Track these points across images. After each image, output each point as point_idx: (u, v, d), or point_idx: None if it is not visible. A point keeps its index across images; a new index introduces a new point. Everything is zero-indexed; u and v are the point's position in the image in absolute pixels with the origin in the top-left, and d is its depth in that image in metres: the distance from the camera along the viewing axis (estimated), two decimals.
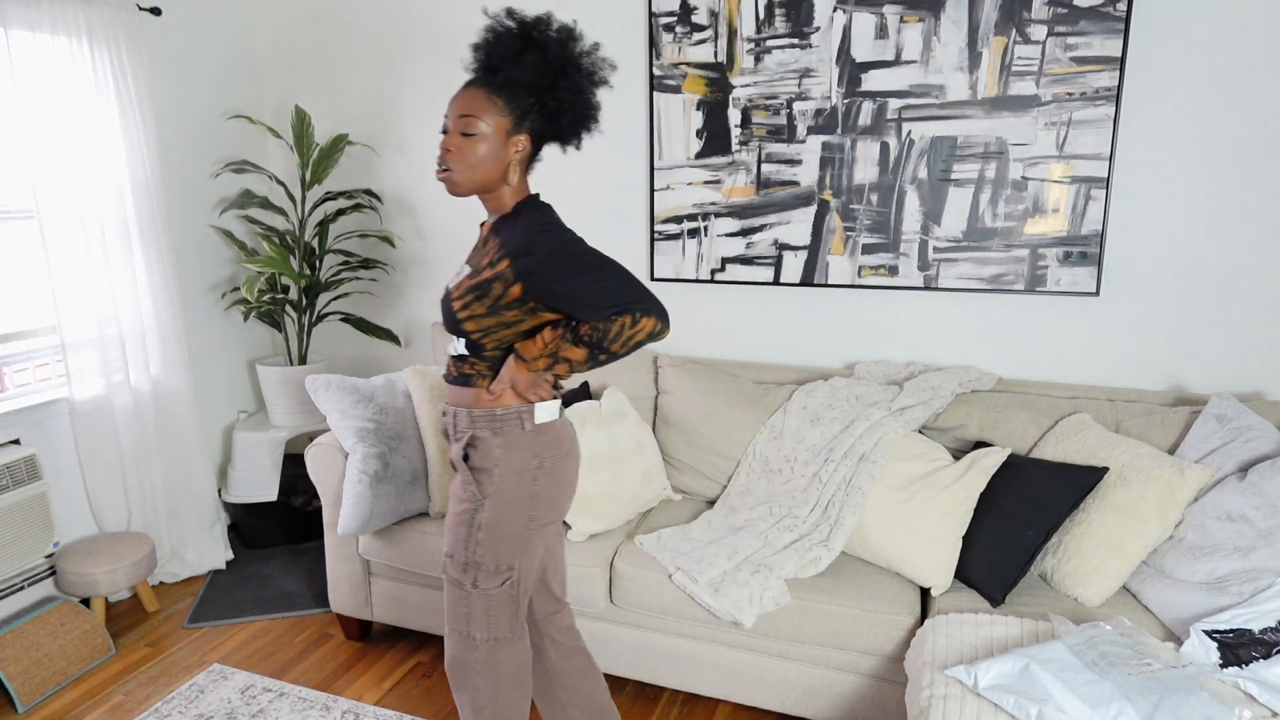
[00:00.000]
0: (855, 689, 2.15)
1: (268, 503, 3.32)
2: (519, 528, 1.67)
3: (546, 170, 3.08)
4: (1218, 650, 1.76)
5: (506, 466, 1.64)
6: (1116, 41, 2.34)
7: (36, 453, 2.66)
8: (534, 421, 1.65)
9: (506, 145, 1.59)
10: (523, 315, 1.60)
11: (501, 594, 1.69)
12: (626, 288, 1.51)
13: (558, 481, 1.70)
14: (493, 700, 1.74)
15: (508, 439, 1.64)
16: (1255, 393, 2.45)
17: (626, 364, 2.84)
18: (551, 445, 1.68)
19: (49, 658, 2.50)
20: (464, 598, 1.69)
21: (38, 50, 2.62)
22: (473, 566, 1.67)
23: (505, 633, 1.72)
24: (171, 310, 3.02)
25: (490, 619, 1.70)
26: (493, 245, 1.62)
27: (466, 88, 1.59)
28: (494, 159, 1.59)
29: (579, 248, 1.55)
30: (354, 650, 2.70)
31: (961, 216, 2.58)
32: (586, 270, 1.51)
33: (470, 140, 1.56)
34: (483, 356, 1.64)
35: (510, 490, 1.64)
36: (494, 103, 1.56)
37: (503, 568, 1.68)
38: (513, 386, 1.63)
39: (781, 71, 2.67)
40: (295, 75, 3.47)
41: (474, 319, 1.60)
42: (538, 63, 1.57)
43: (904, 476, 2.27)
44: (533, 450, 1.65)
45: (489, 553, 1.66)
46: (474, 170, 1.58)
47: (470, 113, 1.56)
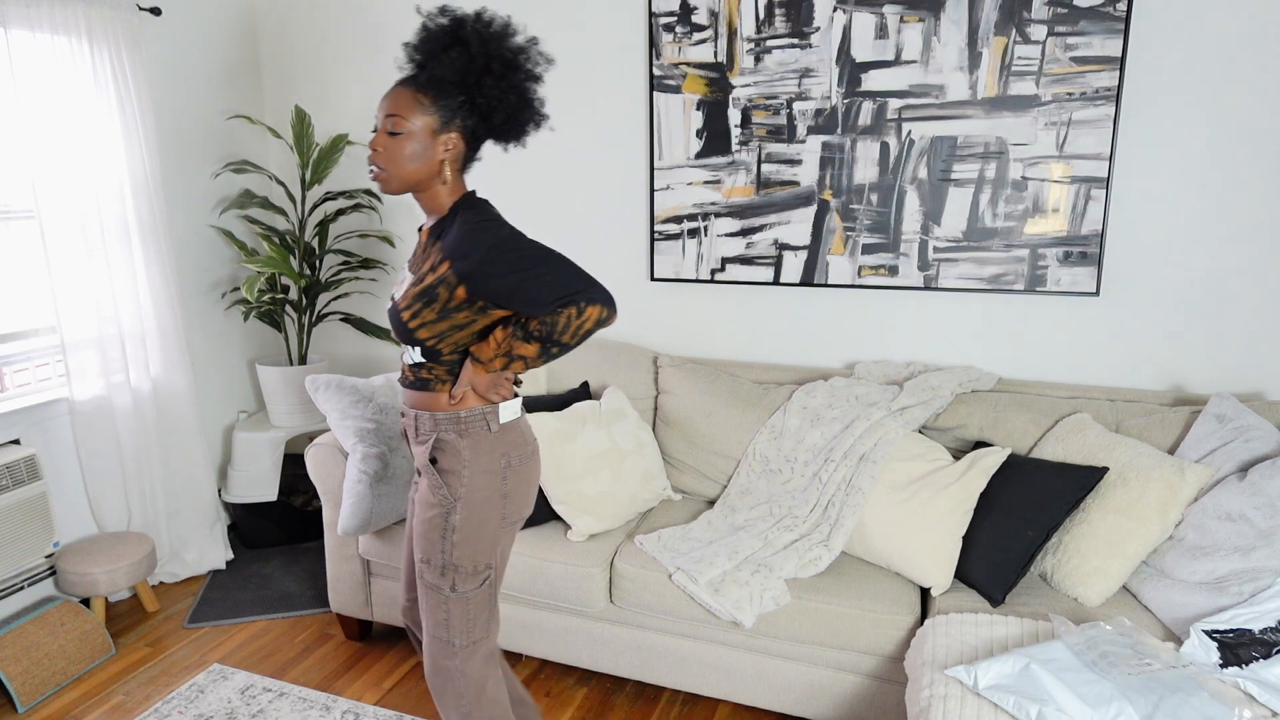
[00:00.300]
0: (855, 689, 2.15)
1: (268, 503, 3.32)
2: (492, 527, 1.67)
3: (546, 170, 3.09)
4: (1218, 650, 1.76)
5: (475, 467, 1.63)
6: (1116, 41, 2.34)
7: (36, 453, 2.66)
8: (499, 422, 1.65)
9: (435, 144, 1.57)
10: (474, 315, 1.59)
11: (480, 595, 1.69)
12: (569, 278, 1.50)
13: (525, 479, 1.70)
14: (478, 702, 1.73)
15: (474, 440, 1.64)
16: (1255, 393, 2.45)
17: (626, 364, 2.84)
18: (518, 444, 1.68)
19: (49, 658, 2.50)
20: (442, 603, 1.68)
21: (38, 50, 2.62)
22: (450, 570, 1.66)
23: (482, 635, 1.72)
24: (171, 310, 3.02)
25: (469, 622, 1.70)
26: (434, 249, 1.60)
27: (395, 87, 1.58)
28: (422, 158, 1.57)
29: (517, 242, 1.53)
30: (354, 650, 2.70)
31: (961, 216, 2.58)
32: (526, 265, 1.50)
33: (397, 140, 1.55)
34: (440, 361, 1.64)
35: (481, 491, 1.64)
36: (420, 102, 1.55)
37: (480, 568, 1.67)
38: (473, 389, 1.62)
39: (781, 71, 2.67)
40: (295, 75, 3.47)
41: (425, 326, 1.59)
42: (461, 59, 1.54)
43: (904, 476, 2.27)
44: (500, 450, 1.66)
45: (465, 554, 1.65)
46: (402, 169, 1.57)
47: (396, 112, 1.55)
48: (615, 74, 2.91)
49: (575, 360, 2.90)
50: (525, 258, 1.51)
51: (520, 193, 3.15)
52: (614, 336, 3.13)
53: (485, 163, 3.18)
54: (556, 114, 3.02)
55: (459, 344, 1.62)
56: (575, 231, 3.09)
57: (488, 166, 3.18)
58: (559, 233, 3.12)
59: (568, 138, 3.03)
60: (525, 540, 2.41)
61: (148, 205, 2.94)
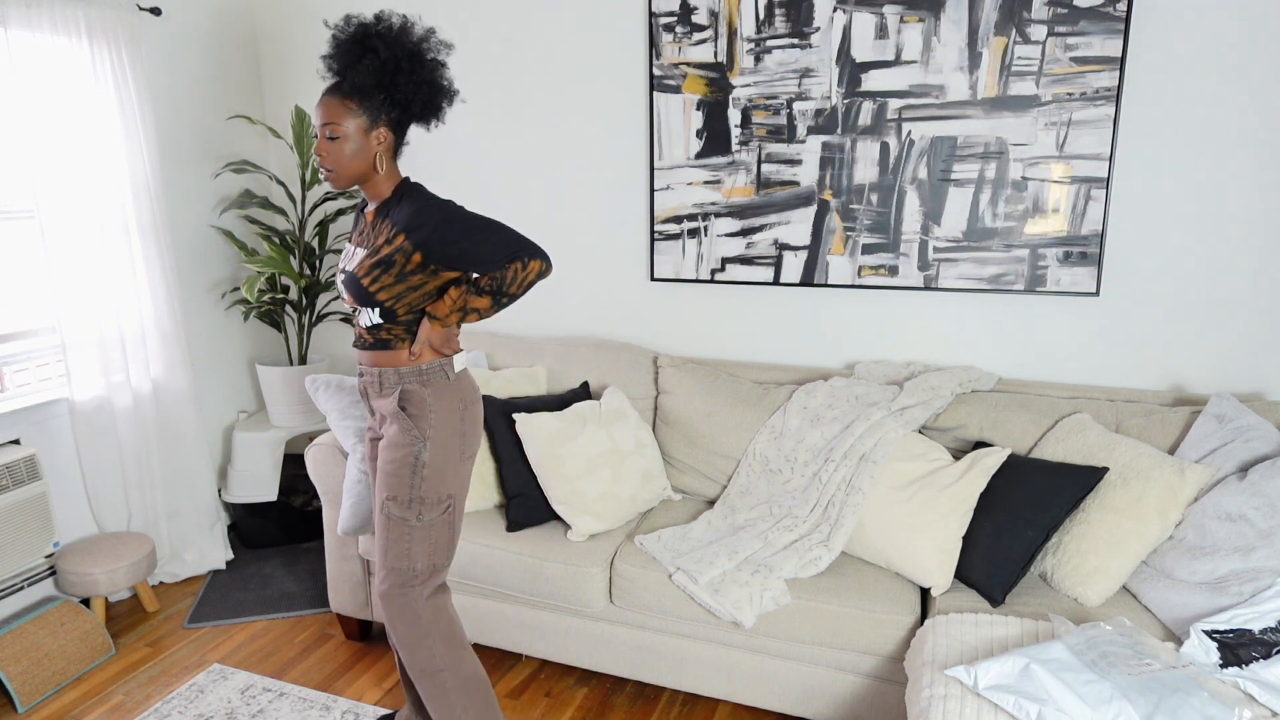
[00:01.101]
0: (855, 689, 2.15)
1: (268, 503, 3.32)
2: (454, 460, 1.92)
3: (546, 170, 3.09)
4: (1218, 650, 1.76)
5: (439, 410, 1.89)
6: (1116, 41, 2.34)
7: (36, 453, 2.66)
8: (454, 371, 1.93)
9: (368, 140, 1.81)
10: (426, 278, 1.84)
11: (441, 522, 1.93)
12: (511, 239, 1.79)
13: (475, 419, 1.97)
14: (435, 621, 1.95)
15: (436, 388, 1.90)
16: (1255, 393, 2.45)
17: (626, 364, 2.84)
18: (469, 389, 1.96)
19: (49, 658, 2.50)
20: (407, 533, 1.90)
21: (38, 50, 2.62)
22: (417, 502, 1.89)
23: (443, 560, 1.95)
24: (171, 310, 3.02)
25: (432, 546, 1.92)
26: (384, 226, 1.85)
27: (323, 97, 1.80)
28: (361, 155, 1.82)
29: (463, 213, 1.80)
30: (354, 650, 2.70)
31: (961, 216, 2.58)
32: (474, 231, 1.78)
33: (336, 143, 1.79)
34: (397, 321, 1.88)
35: (445, 430, 1.90)
36: (348, 107, 1.78)
37: (443, 497, 1.92)
38: (430, 345, 1.88)
39: (781, 71, 2.67)
40: (295, 75, 3.47)
41: (385, 289, 1.84)
42: (372, 66, 1.76)
43: (904, 477, 2.27)
44: (458, 395, 1.93)
45: (432, 487, 1.89)
46: (346, 168, 1.82)
47: (330, 120, 1.78)
48: (615, 74, 2.91)
49: (575, 360, 2.90)
50: (472, 225, 1.78)
51: (520, 192, 3.15)
52: (614, 336, 3.13)
53: (486, 163, 3.18)
54: (557, 114, 3.03)
55: (412, 305, 1.87)
56: (575, 231, 3.09)
57: (488, 167, 3.18)
58: (559, 232, 3.12)
59: (568, 138, 3.03)
60: (525, 540, 2.41)
61: (148, 205, 2.94)
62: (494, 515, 2.58)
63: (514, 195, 3.17)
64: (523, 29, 3.01)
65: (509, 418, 2.57)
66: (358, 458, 2.46)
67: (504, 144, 3.14)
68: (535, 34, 3.00)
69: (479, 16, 3.07)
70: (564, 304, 3.18)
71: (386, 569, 1.92)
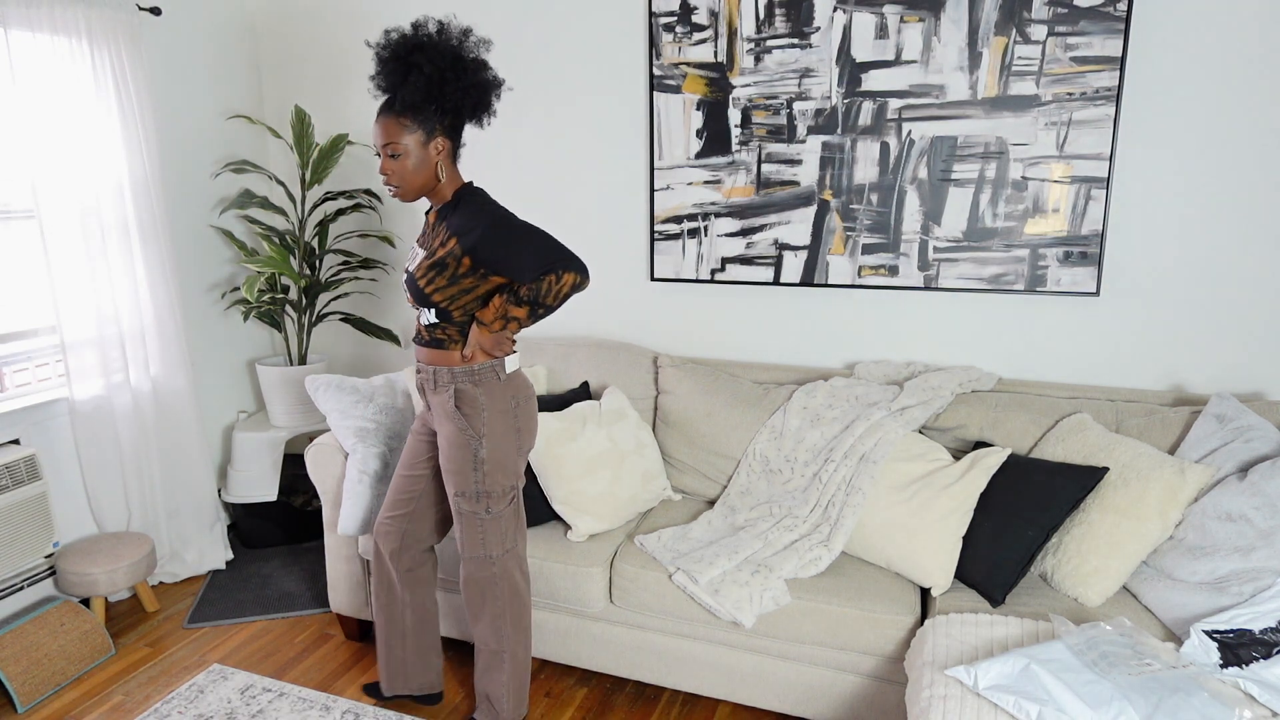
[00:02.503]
0: (855, 689, 2.15)
1: (268, 503, 3.32)
2: (512, 454, 2.01)
3: (547, 170, 3.08)
4: (1218, 650, 1.76)
5: (492, 409, 1.97)
6: (1116, 41, 2.34)
7: (36, 453, 2.66)
8: (506, 372, 2.01)
9: (428, 152, 1.89)
10: (477, 281, 1.91)
11: (509, 511, 2.04)
12: (549, 251, 1.84)
13: (530, 415, 2.06)
14: (513, 601, 2.10)
15: (488, 388, 1.97)
16: (1255, 393, 2.45)
17: (626, 364, 2.84)
18: (522, 388, 2.04)
19: (49, 658, 2.50)
20: (479, 525, 2.02)
21: (38, 50, 2.62)
22: (484, 496, 2.00)
23: (513, 543, 2.08)
24: (171, 310, 3.02)
25: (503, 534, 2.05)
26: (441, 229, 1.93)
27: (379, 117, 1.86)
28: (424, 167, 1.89)
29: (510, 222, 1.86)
30: (354, 650, 2.70)
31: (962, 216, 2.58)
32: (515, 240, 1.83)
33: (399, 160, 1.87)
34: (452, 321, 1.96)
35: (499, 426, 1.98)
36: (404, 125, 1.85)
37: (507, 489, 2.02)
38: (481, 348, 1.94)
39: (781, 71, 2.67)
40: (295, 75, 3.47)
41: (439, 290, 1.91)
42: (419, 83, 1.81)
43: (904, 477, 2.27)
44: (510, 393, 2.00)
45: (495, 480, 1.99)
46: (412, 181, 1.90)
47: (390, 140, 1.85)
48: (615, 74, 2.91)
49: (575, 360, 2.90)
50: (515, 234, 1.84)
51: (521, 192, 3.15)
52: (614, 336, 3.13)
53: (487, 163, 3.18)
54: (557, 114, 3.02)
55: (466, 307, 1.94)
56: (576, 231, 3.09)
57: (489, 167, 3.18)
58: (559, 232, 3.12)
59: (568, 138, 3.03)
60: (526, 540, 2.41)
61: (148, 205, 2.93)
62: None
63: (514, 195, 3.17)
64: (523, 29, 3.01)
65: None
66: (358, 457, 2.46)
67: (504, 144, 3.13)
68: (535, 34, 3.00)
69: (479, 17, 3.07)
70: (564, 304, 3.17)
71: (467, 558, 2.07)
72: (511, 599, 2.10)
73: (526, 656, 2.17)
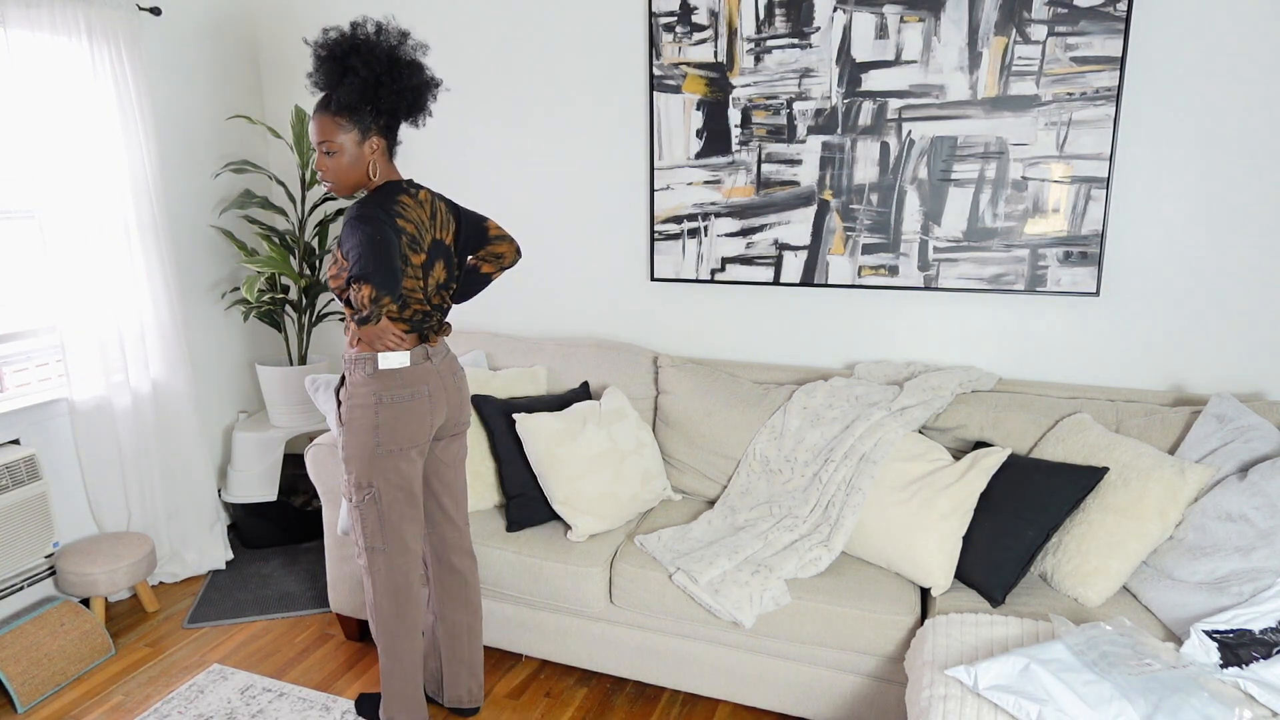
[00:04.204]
0: (855, 689, 2.15)
1: (268, 503, 3.32)
2: (365, 450, 1.97)
3: (546, 170, 3.09)
4: (1218, 650, 1.76)
5: (352, 400, 1.98)
6: (1116, 41, 2.34)
7: (36, 453, 2.66)
8: (376, 367, 1.96)
9: (362, 150, 1.91)
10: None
11: (367, 507, 2.00)
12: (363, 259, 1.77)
13: (398, 417, 1.97)
14: (377, 597, 2.07)
15: (356, 379, 1.98)
16: (1255, 393, 2.45)
17: (626, 364, 2.84)
18: (391, 387, 1.97)
19: (49, 658, 2.50)
20: (350, 509, 2.03)
21: (38, 50, 2.62)
22: (345, 482, 2.02)
23: (378, 543, 2.03)
24: (171, 310, 3.02)
25: (365, 528, 2.02)
26: None
27: (315, 115, 1.89)
28: (357, 164, 1.92)
29: (359, 226, 1.81)
30: (354, 650, 2.70)
31: (962, 216, 2.58)
32: (349, 242, 1.81)
33: (333, 157, 1.90)
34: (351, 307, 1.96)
35: (357, 419, 1.97)
36: (339, 124, 1.88)
37: (363, 484, 1.99)
38: (361, 337, 1.94)
39: (781, 71, 2.67)
40: (295, 75, 3.47)
41: (333, 279, 1.93)
42: (354, 85, 1.84)
43: (904, 477, 2.27)
44: (375, 389, 1.96)
45: (352, 470, 1.99)
46: (346, 178, 1.93)
47: (325, 138, 1.88)
48: (615, 74, 2.91)
49: (575, 360, 2.90)
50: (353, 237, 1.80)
51: (521, 192, 3.15)
52: (614, 336, 3.13)
53: (485, 163, 3.18)
54: (557, 114, 3.03)
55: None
56: (575, 231, 3.09)
57: (489, 167, 3.18)
58: (559, 232, 3.12)
59: (568, 138, 3.03)
60: (525, 540, 2.41)
61: (148, 205, 2.93)
62: (494, 515, 2.58)
63: (514, 195, 3.17)
64: (523, 29, 3.01)
65: (509, 418, 2.57)
66: None
67: (504, 144, 3.13)
68: (535, 34, 3.00)
69: (479, 17, 3.07)
70: (564, 304, 3.18)
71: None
72: (381, 598, 2.06)
73: (396, 666, 2.11)
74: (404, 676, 2.13)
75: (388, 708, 2.15)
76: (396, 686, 2.13)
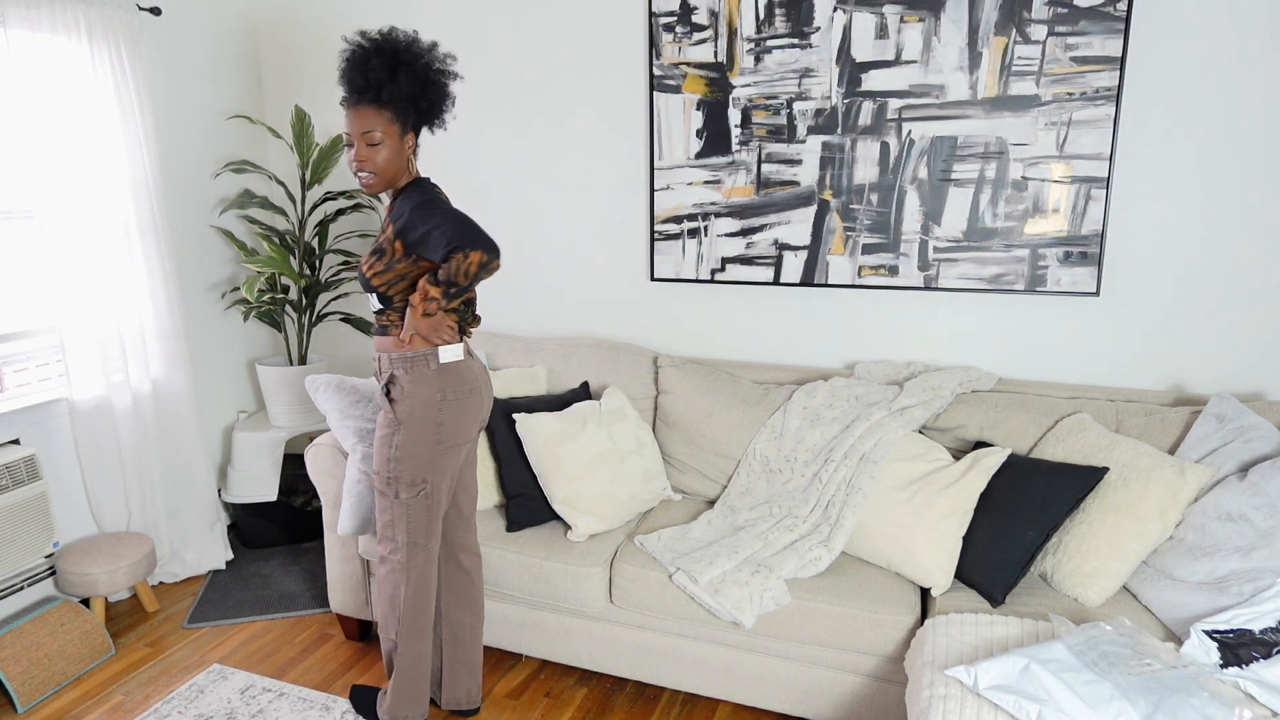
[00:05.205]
0: (855, 689, 2.15)
1: (268, 503, 3.32)
2: (427, 446, 2.01)
3: (547, 170, 3.08)
4: (1218, 650, 1.76)
5: (415, 398, 1.99)
6: (1116, 41, 2.34)
7: (36, 453, 2.66)
8: (439, 362, 2.01)
9: (402, 145, 1.97)
10: (410, 267, 1.97)
11: (418, 504, 2.04)
12: (459, 230, 1.85)
13: (460, 411, 2.04)
14: (409, 595, 2.10)
15: (415, 376, 2.00)
16: (1255, 393, 2.45)
17: (626, 364, 2.84)
18: (456, 382, 2.03)
19: (49, 658, 2.50)
20: (388, 507, 2.05)
21: (37, 50, 2.62)
22: (394, 481, 2.02)
23: (421, 539, 2.07)
24: (171, 310, 3.02)
25: (410, 525, 2.05)
26: (387, 219, 2.02)
27: (358, 107, 1.93)
28: (396, 158, 1.97)
29: (433, 206, 1.90)
30: (354, 650, 2.70)
31: (962, 216, 2.58)
32: (430, 221, 1.88)
33: (376, 148, 1.94)
34: (393, 307, 2.02)
35: (420, 416, 2.00)
36: (384, 116, 1.93)
37: (417, 481, 2.03)
38: (418, 332, 1.96)
39: (781, 71, 2.67)
40: (295, 75, 3.47)
41: (378, 275, 1.98)
42: (408, 79, 1.93)
43: (904, 477, 2.27)
44: (439, 384, 2.01)
45: (405, 469, 2.01)
46: (385, 171, 1.96)
47: (371, 128, 1.92)
48: (615, 74, 2.91)
49: (575, 360, 2.90)
50: (431, 216, 1.89)
51: (521, 192, 3.15)
52: (614, 336, 3.13)
53: (485, 163, 3.18)
54: (557, 114, 3.03)
55: (404, 293, 2.00)
56: (575, 231, 3.09)
57: (488, 167, 3.18)
58: (559, 232, 3.12)
59: (568, 138, 3.03)
60: (525, 540, 2.41)
61: (148, 205, 2.93)
62: (494, 515, 2.58)
63: (514, 195, 3.17)
64: (522, 29, 3.01)
65: (509, 418, 2.57)
66: (358, 457, 2.46)
67: (504, 144, 3.13)
68: (535, 34, 3.00)
69: (479, 17, 3.07)
70: (564, 304, 3.18)
71: (379, 539, 2.10)
72: (411, 597, 2.10)
73: (414, 663, 2.15)
74: (420, 674, 2.17)
75: (399, 706, 2.17)
76: (411, 685, 2.16)
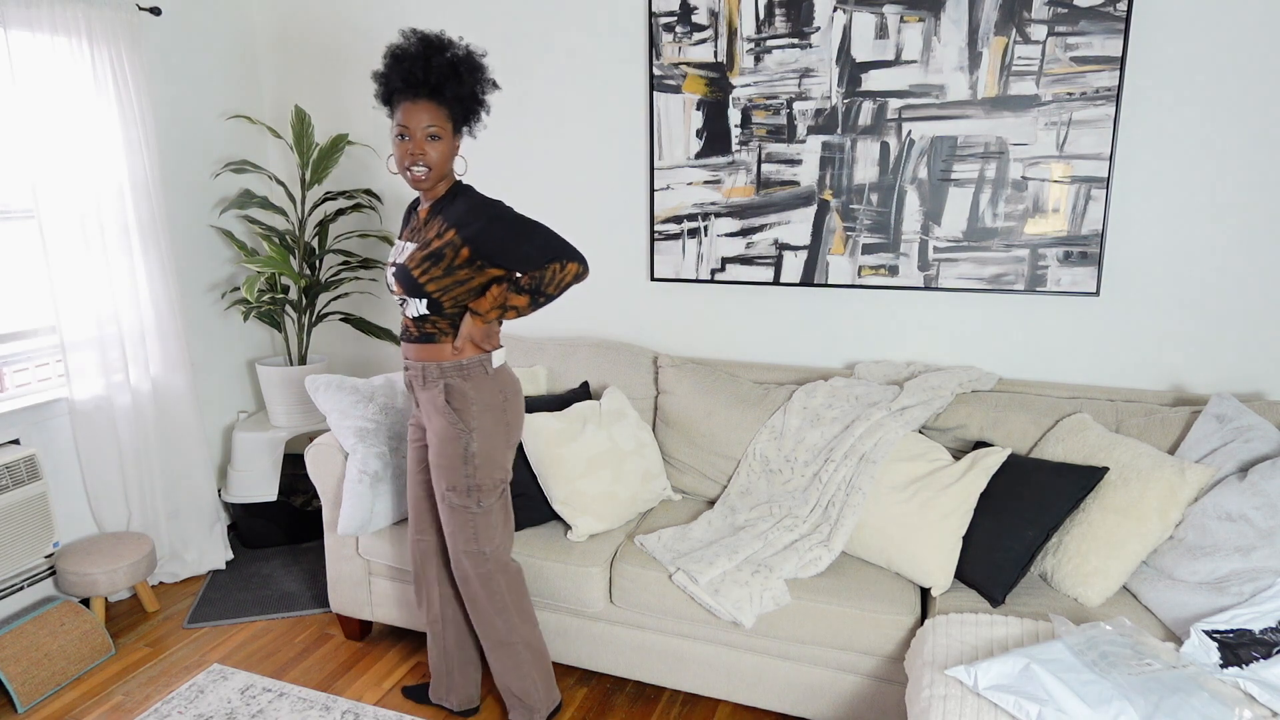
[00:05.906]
0: (855, 689, 2.15)
1: (268, 503, 3.32)
2: (501, 448, 2.07)
3: (547, 170, 3.08)
4: (1218, 650, 1.76)
5: (481, 403, 2.02)
6: (1116, 41, 2.34)
7: (36, 453, 2.66)
8: (494, 366, 2.06)
9: (455, 144, 2.01)
10: (473, 273, 1.98)
11: (500, 505, 2.09)
12: (553, 241, 1.95)
13: (517, 410, 2.12)
14: (513, 590, 2.15)
15: (477, 382, 2.03)
16: (1255, 393, 2.45)
17: (626, 364, 2.84)
18: (508, 382, 2.10)
19: (49, 658, 2.50)
20: (470, 520, 2.06)
21: (38, 50, 2.62)
22: (475, 490, 2.04)
23: (506, 538, 2.13)
24: (171, 310, 3.02)
25: (493, 528, 2.09)
26: (436, 222, 1.99)
27: (421, 101, 1.94)
28: (449, 156, 2.00)
29: (511, 214, 1.95)
30: (354, 650, 2.70)
31: (962, 216, 2.58)
32: (519, 231, 1.93)
33: (437, 143, 1.96)
34: (443, 314, 2.01)
35: (489, 420, 2.04)
36: (445, 114, 1.96)
37: (497, 482, 2.07)
38: (472, 340, 1.99)
39: (781, 71, 2.67)
40: (295, 75, 3.47)
41: (433, 281, 1.96)
42: (470, 83, 1.97)
43: (904, 477, 2.27)
44: (498, 387, 2.06)
45: (486, 474, 2.04)
46: (441, 166, 1.98)
47: (434, 123, 1.94)
48: (615, 74, 2.91)
49: (575, 360, 2.90)
50: (518, 225, 1.94)
51: (521, 192, 3.15)
52: (614, 336, 3.13)
53: (485, 163, 3.18)
54: (557, 114, 3.02)
55: (457, 299, 2.00)
56: (575, 231, 3.09)
57: (489, 166, 3.18)
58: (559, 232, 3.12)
59: (569, 137, 3.03)
60: (525, 540, 2.41)
61: (148, 205, 2.93)
62: None
63: (514, 195, 3.17)
64: (522, 29, 3.01)
65: None
66: (358, 458, 2.46)
67: (504, 144, 3.13)
68: (535, 34, 3.00)
69: (479, 17, 3.07)
70: (564, 304, 3.18)
71: (460, 553, 2.10)
72: (510, 589, 2.15)
73: (541, 643, 2.22)
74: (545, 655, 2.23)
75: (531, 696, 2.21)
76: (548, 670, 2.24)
